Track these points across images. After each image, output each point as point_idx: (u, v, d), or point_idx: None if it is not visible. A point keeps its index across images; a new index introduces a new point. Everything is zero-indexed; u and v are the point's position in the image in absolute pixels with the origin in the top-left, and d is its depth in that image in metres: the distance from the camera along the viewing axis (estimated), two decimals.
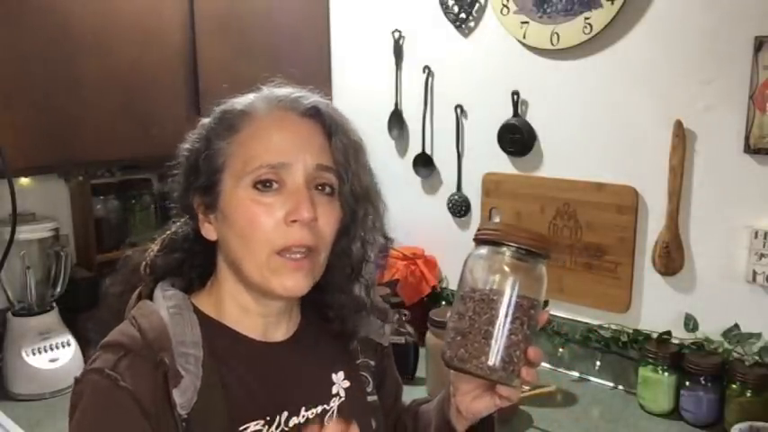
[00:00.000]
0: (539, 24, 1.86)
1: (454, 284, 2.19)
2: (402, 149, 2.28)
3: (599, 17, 1.75)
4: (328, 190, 0.86)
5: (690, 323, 1.70)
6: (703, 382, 1.63)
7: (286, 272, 0.83)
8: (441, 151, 2.18)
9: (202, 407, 0.79)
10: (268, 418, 0.85)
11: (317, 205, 0.83)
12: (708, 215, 1.68)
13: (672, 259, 1.73)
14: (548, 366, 1.98)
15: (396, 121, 2.26)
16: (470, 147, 2.11)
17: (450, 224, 2.19)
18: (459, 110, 2.11)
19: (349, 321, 0.95)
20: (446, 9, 2.07)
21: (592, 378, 1.91)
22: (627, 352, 1.83)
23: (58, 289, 1.90)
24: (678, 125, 1.67)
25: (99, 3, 1.77)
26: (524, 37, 1.90)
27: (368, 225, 0.91)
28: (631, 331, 1.82)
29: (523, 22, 1.89)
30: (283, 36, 2.18)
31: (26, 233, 1.81)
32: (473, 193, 2.12)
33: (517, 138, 1.96)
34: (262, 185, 0.83)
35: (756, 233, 1.59)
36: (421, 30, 2.17)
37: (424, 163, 2.22)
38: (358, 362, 0.98)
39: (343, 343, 0.97)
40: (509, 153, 2.00)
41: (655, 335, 1.76)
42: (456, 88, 2.11)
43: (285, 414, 0.87)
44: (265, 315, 0.89)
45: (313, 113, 0.87)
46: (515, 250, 0.83)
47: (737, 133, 1.59)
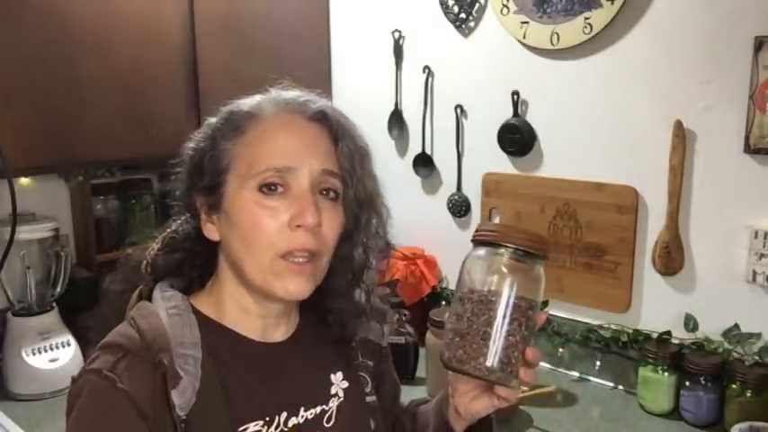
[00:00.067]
0: (539, 24, 1.86)
1: (454, 284, 2.19)
2: (402, 149, 2.28)
3: (599, 17, 1.75)
4: (332, 195, 0.86)
5: (690, 323, 1.70)
6: (703, 382, 1.63)
7: (289, 275, 0.83)
8: (441, 151, 2.18)
9: (201, 408, 0.79)
10: (267, 419, 0.85)
11: (321, 210, 0.83)
12: (708, 215, 1.68)
13: (672, 259, 1.73)
14: (548, 366, 1.98)
15: (396, 121, 2.26)
16: (470, 147, 2.11)
17: (450, 224, 2.19)
18: (459, 110, 2.11)
19: (348, 327, 0.95)
20: (446, 9, 2.07)
21: (592, 378, 1.91)
22: (627, 352, 1.83)
23: (58, 289, 1.90)
24: (678, 125, 1.67)
25: (99, 3, 1.77)
26: (524, 37, 1.90)
27: (370, 231, 0.91)
28: (631, 331, 1.82)
29: (523, 22, 1.89)
30: (283, 36, 2.18)
31: (26, 233, 1.81)
32: (473, 193, 2.12)
33: (517, 138, 1.96)
34: (267, 188, 0.82)
35: (756, 233, 1.59)
36: (421, 30, 2.17)
37: (424, 163, 2.22)
38: (356, 362, 0.98)
39: (341, 343, 0.97)
40: (509, 153, 2.00)
41: (655, 335, 1.76)
42: (456, 88, 2.11)
43: (284, 414, 0.87)
44: (265, 316, 0.89)
45: (320, 118, 0.87)
46: (513, 251, 0.83)
47: (737, 133, 1.59)
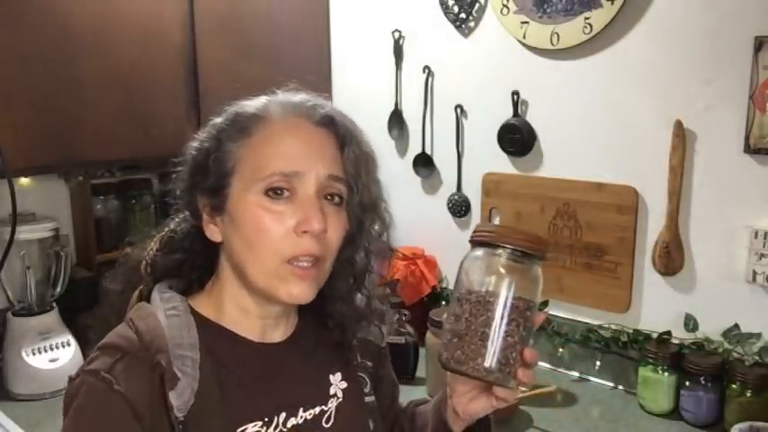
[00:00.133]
0: (539, 24, 1.86)
1: (454, 281, 2.20)
2: (402, 149, 2.28)
3: (599, 17, 1.75)
4: (337, 200, 0.86)
5: (690, 323, 1.70)
6: (703, 382, 1.63)
7: (293, 279, 0.83)
8: (441, 151, 2.18)
9: (199, 409, 0.79)
10: (266, 419, 0.85)
11: (327, 216, 0.83)
12: (708, 215, 1.68)
13: (672, 259, 1.73)
14: (548, 366, 1.98)
15: (396, 121, 2.26)
16: (470, 147, 2.11)
17: (450, 224, 2.19)
18: (459, 110, 2.11)
19: (349, 331, 0.95)
20: (446, 9, 2.07)
21: (592, 378, 1.91)
22: (627, 352, 1.83)
23: (58, 289, 1.90)
24: (678, 125, 1.67)
25: (99, 3, 1.77)
26: (524, 37, 1.90)
27: (373, 236, 0.92)
28: (631, 331, 1.81)
29: (523, 22, 1.89)
30: (283, 36, 2.18)
31: (26, 233, 1.81)
32: (473, 193, 2.12)
33: (517, 138, 1.96)
34: (273, 193, 0.82)
35: (756, 233, 1.59)
36: (421, 30, 2.17)
37: (424, 163, 2.22)
38: (355, 363, 0.97)
39: (340, 344, 0.97)
40: (509, 153, 2.00)
41: (655, 335, 1.76)
42: (456, 88, 2.11)
43: (283, 415, 0.87)
44: (264, 317, 0.89)
45: (327, 122, 0.87)
46: (511, 252, 0.83)
47: (737, 133, 1.59)
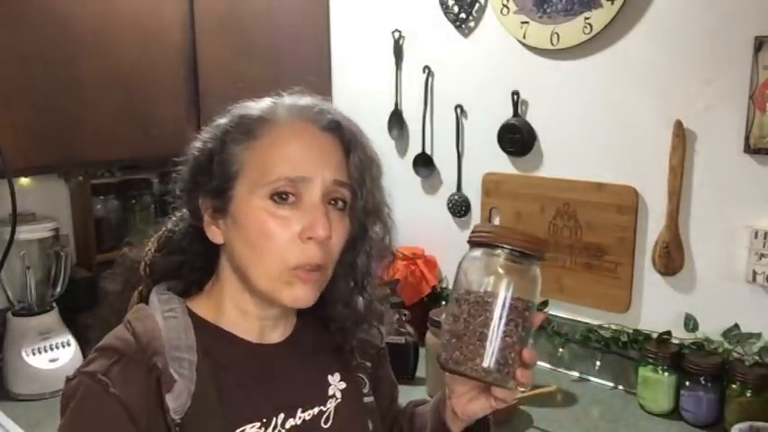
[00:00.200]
0: (539, 24, 1.86)
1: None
2: (402, 149, 2.28)
3: (599, 17, 1.75)
4: (341, 205, 0.86)
5: (690, 323, 1.70)
6: (703, 382, 1.63)
7: (297, 283, 0.83)
8: (441, 151, 2.18)
9: (196, 411, 0.79)
10: (264, 420, 0.85)
11: (331, 221, 0.83)
12: (708, 215, 1.68)
13: (672, 259, 1.72)
14: (548, 366, 1.98)
15: (396, 121, 2.26)
16: (470, 147, 2.11)
17: (450, 224, 2.19)
18: (459, 110, 2.11)
19: (350, 334, 0.95)
20: (446, 9, 2.07)
21: (592, 378, 1.91)
22: (627, 352, 1.83)
23: (58, 289, 1.90)
24: (678, 125, 1.67)
25: (99, 3, 1.77)
26: (524, 37, 1.90)
27: (375, 240, 0.91)
28: (631, 331, 1.81)
29: (523, 22, 1.89)
30: (283, 36, 2.18)
31: (26, 233, 1.81)
32: (473, 193, 2.12)
33: (517, 138, 1.96)
34: (278, 197, 0.82)
35: (756, 233, 1.59)
36: (421, 30, 2.17)
37: (424, 163, 2.22)
38: (354, 363, 0.97)
39: (338, 345, 0.96)
40: (509, 153, 2.00)
41: (655, 335, 1.76)
42: (456, 88, 2.11)
43: (282, 416, 0.87)
44: (263, 318, 0.89)
45: (333, 127, 0.86)
46: (509, 252, 0.83)
47: (737, 133, 1.59)
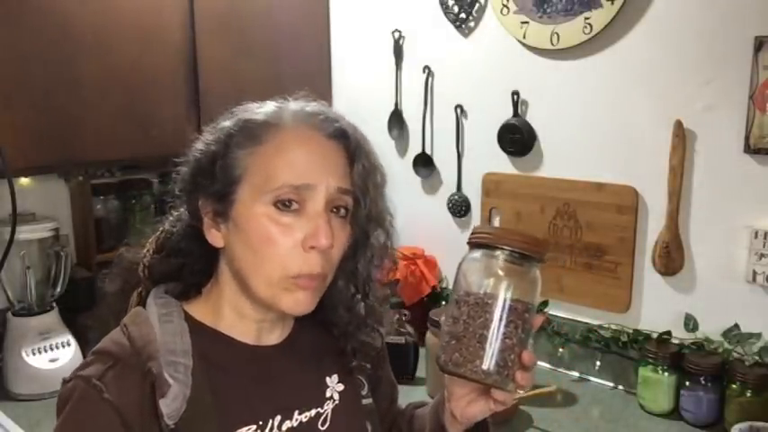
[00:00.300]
0: (539, 24, 1.86)
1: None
2: (402, 149, 2.28)
3: (599, 17, 1.75)
4: (343, 212, 0.85)
5: (690, 323, 1.70)
6: (703, 382, 1.63)
7: (296, 290, 0.82)
8: (441, 151, 2.18)
9: (191, 416, 0.78)
10: (260, 423, 0.85)
11: (332, 230, 0.82)
12: (708, 215, 1.68)
13: (672, 259, 1.72)
14: (548, 366, 1.98)
15: (396, 121, 2.26)
16: (470, 147, 2.11)
17: (450, 224, 2.19)
18: (459, 110, 2.11)
19: (353, 338, 0.95)
20: (446, 9, 2.07)
21: (592, 378, 1.91)
22: (627, 352, 1.83)
23: (58, 289, 1.90)
24: (678, 125, 1.67)
25: (98, 2, 1.77)
26: (524, 37, 1.90)
27: (377, 248, 0.91)
28: (631, 331, 1.81)
29: (523, 22, 1.89)
30: (283, 35, 2.18)
31: (26, 233, 1.81)
32: (473, 193, 2.12)
33: (517, 138, 1.96)
34: (282, 204, 0.81)
35: (756, 233, 1.59)
36: (421, 30, 2.17)
37: (424, 163, 2.22)
38: (353, 365, 0.97)
39: (337, 346, 0.96)
40: (509, 153, 2.00)
41: (655, 335, 1.76)
42: (456, 88, 2.11)
43: (278, 418, 0.86)
44: (261, 321, 0.89)
45: (339, 135, 0.86)
46: (509, 254, 0.82)
47: (737, 133, 1.59)
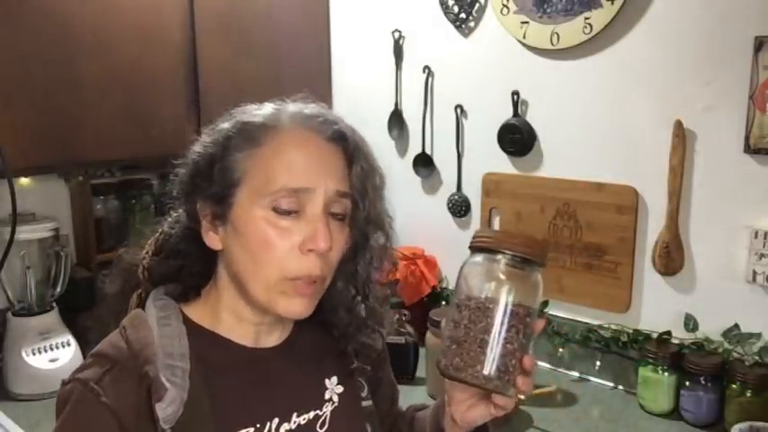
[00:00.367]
0: (539, 24, 1.86)
1: (454, 284, 2.18)
2: (402, 149, 2.28)
3: (599, 17, 1.75)
4: (341, 215, 0.85)
5: (690, 323, 1.70)
6: (703, 382, 1.63)
7: (293, 296, 0.82)
8: (441, 151, 2.18)
9: (188, 419, 0.78)
10: (258, 425, 0.85)
11: (331, 233, 0.82)
12: (708, 215, 1.68)
13: (672, 259, 1.72)
14: (548, 366, 1.98)
15: (396, 121, 2.26)
16: (470, 147, 2.11)
17: (450, 224, 2.19)
18: (459, 110, 2.11)
19: (353, 339, 0.95)
20: (446, 9, 2.07)
21: (592, 378, 1.91)
22: (627, 352, 1.83)
23: (58, 289, 1.90)
24: (678, 125, 1.67)
25: (98, 2, 1.77)
26: (524, 37, 1.90)
27: (376, 250, 0.91)
28: (631, 331, 1.81)
29: (523, 22, 1.89)
30: (283, 35, 2.18)
31: (26, 233, 1.81)
32: (473, 193, 2.12)
33: (517, 138, 1.96)
34: (280, 208, 0.81)
35: (756, 233, 1.59)
36: (421, 30, 2.17)
37: (424, 163, 2.22)
38: (352, 367, 0.96)
39: (337, 348, 0.96)
40: (509, 153, 2.00)
41: (655, 335, 1.76)
42: (456, 88, 2.11)
43: (276, 420, 0.86)
44: (259, 324, 0.88)
45: (337, 138, 0.86)
46: (510, 258, 0.82)
47: (737, 133, 1.59)
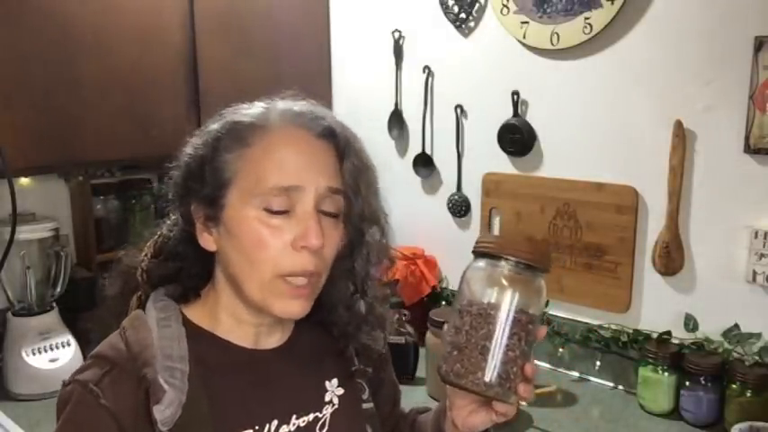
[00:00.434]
0: (539, 24, 1.86)
1: (454, 284, 2.17)
2: (402, 149, 2.28)
3: (599, 17, 1.75)
4: (335, 212, 0.85)
5: (690, 323, 1.70)
6: (703, 382, 1.63)
7: (288, 297, 0.82)
8: (441, 151, 2.18)
9: (186, 421, 0.78)
10: (257, 428, 0.84)
11: (324, 230, 0.82)
12: (708, 215, 1.68)
13: (672, 259, 1.73)
14: (548, 366, 1.98)
15: (396, 121, 2.26)
16: (470, 147, 2.11)
17: (450, 224, 2.19)
18: (459, 110, 2.11)
19: (353, 338, 0.94)
20: (446, 9, 2.07)
21: (592, 378, 1.91)
22: (627, 352, 1.83)
23: (58, 289, 1.90)
24: (678, 125, 1.67)
25: (98, 2, 1.77)
26: (524, 37, 1.90)
27: (373, 246, 0.91)
28: (631, 331, 1.81)
29: (523, 22, 1.89)
30: (283, 35, 2.18)
31: (26, 233, 1.81)
32: (473, 193, 2.12)
33: (517, 138, 1.96)
34: (271, 207, 0.81)
35: (756, 233, 1.59)
36: (421, 30, 2.17)
37: (424, 163, 2.22)
38: (353, 369, 0.96)
39: (338, 350, 0.96)
40: (509, 153, 2.00)
41: (655, 335, 1.76)
42: (456, 88, 2.11)
43: (275, 422, 0.86)
44: (258, 325, 0.88)
45: (328, 134, 0.85)
46: (514, 264, 0.81)
47: (737, 133, 1.59)
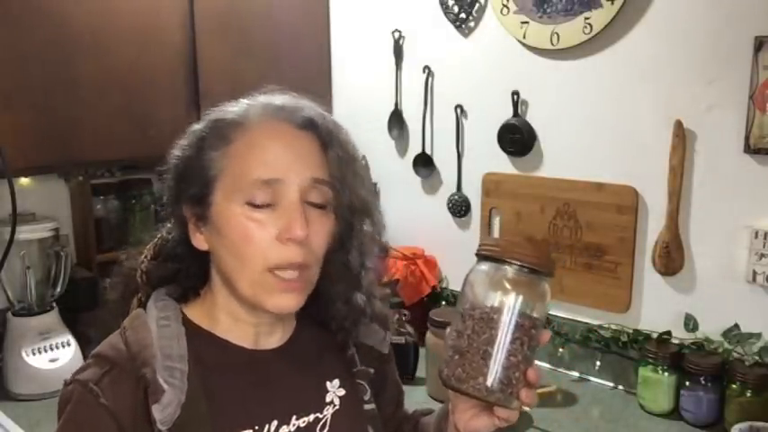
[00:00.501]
0: (539, 24, 1.86)
1: (454, 284, 2.17)
2: (402, 149, 2.28)
3: (599, 17, 1.75)
4: (321, 203, 0.84)
5: (690, 323, 1.70)
6: (703, 382, 1.63)
7: (278, 292, 0.82)
8: (441, 151, 2.18)
9: (185, 421, 0.78)
10: (256, 428, 0.84)
11: (310, 221, 0.81)
12: (708, 215, 1.68)
13: (672, 259, 1.72)
14: (548, 366, 1.98)
15: (396, 121, 2.26)
16: (470, 147, 2.11)
17: (450, 224, 2.19)
18: (459, 110, 2.11)
19: (352, 331, 0.94)
20: (446, 9, 2.07)
21: (592, 378, 1.91)
22: (627, 352, 1.83)
23: (58, 289, 1.90)
24: (678, 125, 1.67)
25: (97, 3, 1.77)
26: (524, 37, 1.90)
27: (365, 237, 0.90)
28: (631, 331, 1.81)
29: (523, 22, 1.89)
30: (283, 35, 2.18)
31: (26, 233, 1.81)
32: (473, 193, 2.12)
33: (517, 138, 1.96)
34: (255, 201, 0.81)
35: (756, 233, 1.59)
36: (421, 30, 2.17)
37: (424, 163, 2.22)
38: (355, 369, 0.95)
39: (339, 350, 0.96)
40: (509, 153, 2.00)
41: (655, 335, 1.76)
42: (456, 88, 2.11)
43: (275, 423, 0.86)
44: (257, 324, 0.88)
45: (308, 125, 0.85)
46: (518, 268, 0.80)
47: (737, 133, 1.59)
